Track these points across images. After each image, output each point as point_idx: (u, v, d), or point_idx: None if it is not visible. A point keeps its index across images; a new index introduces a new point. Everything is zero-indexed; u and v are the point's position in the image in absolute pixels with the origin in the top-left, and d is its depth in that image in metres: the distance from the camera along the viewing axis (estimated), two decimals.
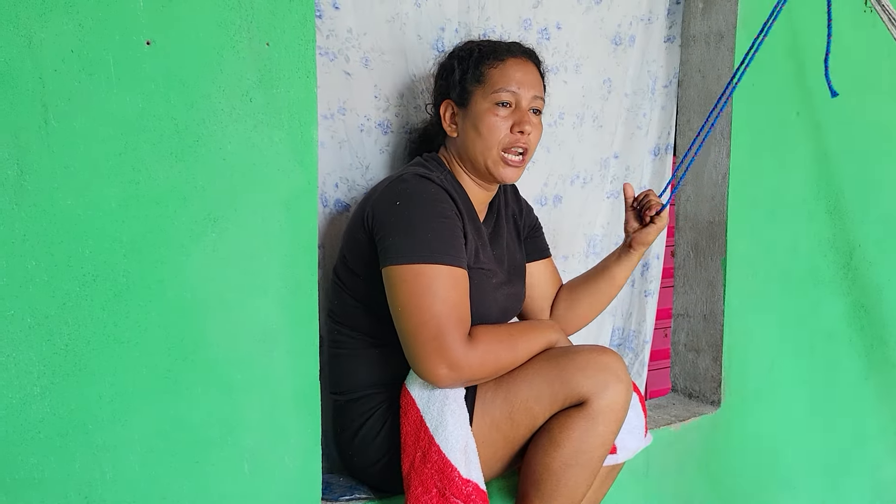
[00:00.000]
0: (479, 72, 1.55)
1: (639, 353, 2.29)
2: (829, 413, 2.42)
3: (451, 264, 1.39)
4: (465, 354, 1.37)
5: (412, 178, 1.46)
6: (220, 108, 1.27)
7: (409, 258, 1.38)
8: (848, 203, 2.37)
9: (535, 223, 1.81)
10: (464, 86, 1.56)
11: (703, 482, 2.15)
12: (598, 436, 1.41)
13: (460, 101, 1.57)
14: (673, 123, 2.23)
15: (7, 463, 1.16)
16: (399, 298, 1.39)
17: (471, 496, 1.40)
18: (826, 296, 2.36)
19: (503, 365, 1.44)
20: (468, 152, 1.57)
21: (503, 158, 1.54)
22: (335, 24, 1.65)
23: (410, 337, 1.38)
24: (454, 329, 1.37)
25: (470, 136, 1.55)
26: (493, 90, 1.53)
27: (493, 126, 1.53)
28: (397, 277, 1.39)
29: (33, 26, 1.12)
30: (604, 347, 1.47)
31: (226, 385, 1.32)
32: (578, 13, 1.97)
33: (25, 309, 1.15)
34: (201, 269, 1.28)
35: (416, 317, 1.37)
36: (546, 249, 1.82)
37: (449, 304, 1.37)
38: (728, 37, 2.06)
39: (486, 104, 1.54)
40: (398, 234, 1.40)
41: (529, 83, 1.56)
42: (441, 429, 1.40)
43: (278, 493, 1.39)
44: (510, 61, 1.56)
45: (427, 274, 1.37)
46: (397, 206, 1.42)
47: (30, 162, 1.13)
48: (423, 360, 1.37)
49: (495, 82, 1.54)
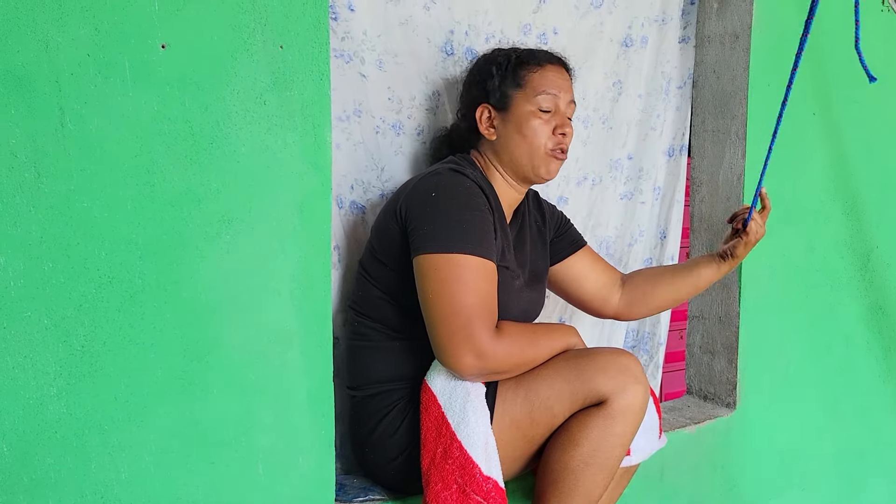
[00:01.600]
0: (520, 76, 1.59)
1: (653, 355, 2.28)
2: (845, 416, 2.40)
3: (482, 256, 1.41)
4: (491, 345, 1.38)
5: (446, 171, 1.50)
6: (234, 111, 1.27)
7: (442, 247, 1.40)
8: (865, 204, 2.35)
9: (560, 219, 1.83)
10: (503, 90, 1.59)
11: (718, 485, 2.14)
12: (616, 436, 1.42)
13: (499, 105, 1.59)
14: (687, 124, 2.22)
15: (24, 463, 1.17)
16: (430, 286, 1.40)
17: (490, 493, 1.40)
18: (843, 298, 2.34)
19: (526, 360, 1.46)
20: (511, 154, 1.59)
21: (552, 154, 1.58)
22: (350, 25, 1.66)
23: (439, 324, 1.39)
24: (483, 319, 1.38)
25: (514, 139, 1.58)
26: (535, 94, 1.57)
27: (538, 129, 1.57)
28: (429, 266, 1.40)
29: (50, 31, 1.13)
30: (622, 350, 1.48)
31: (240, 386, 1.32)
32: (575, 18, 1.97)
33: (42, 310, 1.16)
34: (216, 270, 1.28)
35: (447, 305, 1.38)
36: (580, 239, 1.84)
37: (480, 295, 1.39)
38: (743, 37, 2.05)
39: (530, 107, 1.57)
40: (432, 224, 1.42)
41: (567, 88, 1.61)
42: (463, 425, 1.41)
43: (292, 493, 1.39)
44: (549, 67, 1.60)
45: (459, 263, 1.39)
46: (432, 196, 1.45)
47: (46, 165, 1.14)
48: (451, 348, 1.38)
49: (537, 86, 1.58)
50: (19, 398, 1.16)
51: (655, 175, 2.20)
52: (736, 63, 2.07)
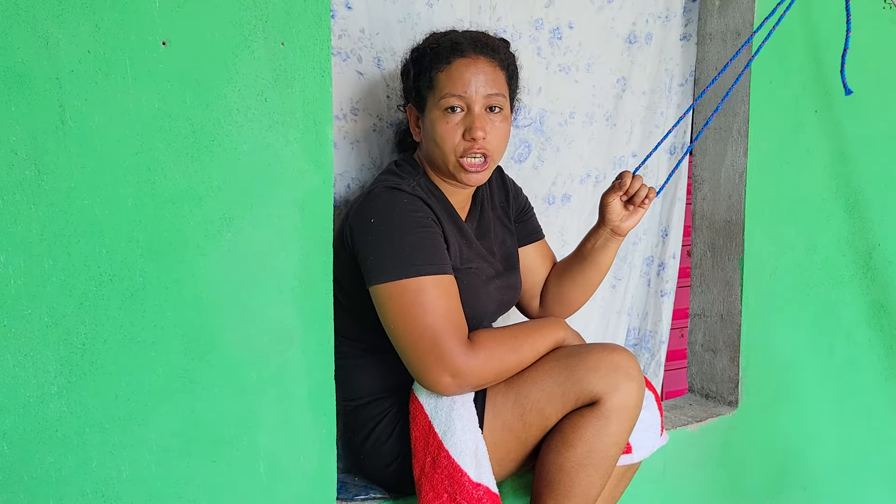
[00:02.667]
0: (430, 77, 1.50)
1: (655, 354, 2.28)
2: (847, 414, 2.40)
3: (434, 273, 1.38)
4: (465, 361, 1.37)
5: (383, 191, 1.44)
6: (235, 108, 1.27)
7: (391, 275, 1.37)
8: (867, 202, 2.34)
9: (524, 205, 1.76)
10: (419, 92, 1.52)
11: (720, 483, 2.13)
12: (610, 435, 1.40)
13: (418, 106, 1.54)
14: (689, 122, 2.21)
15: (25, 461, 1.17)
16: (389, 316, 1.38)
17: (482, 500, 1.40)
18: (845, 295, 2.34)
19: (507, 367, 1.43)
20: (430, 158, 1.54)
21: (462, 165, 1.49)
22: (348, 24, 1.65)
23: (408, 352, 1.38)
24: (450, 337, 1.36)
25: (429, 143, 1.52)
26: (440, 96, 1.48)
27: (445, 134, 1.48)
28: (384, 296, 1.38)
29: (50, 27, 1.12)
30: (615, 345, 1.45)
31: (241, 384, 1.32)
32: (591, 12, 1.96)
33: (43, 308, 1.16)
34: (217, 268, 1.28)
35: (410, 332, 1.37)
36: (538, 231, 1.77)
37: (440, 314, 1.37)
38: (745, 35, 2.05)
39: (437, 111, 1.49)
40: (377, 252, 1.39)
41: (481, 82, 1.47)
42: (450, 434, 1.40)
43: (293, 492, 1.39)
44: (456, 63, 1.48)
45: (412, 288, 1.37)
46: (372, 223, 1.41)
47: (47, 162, 1.14)
48: (425, 373, 1.37)
49: (442, 87, 1.48)
50: (20, 396, 1.16)
51: (657, 172, 2.19)
52: (737, 60, 2.07)
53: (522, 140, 1.94)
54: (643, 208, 1.60)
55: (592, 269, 1.69)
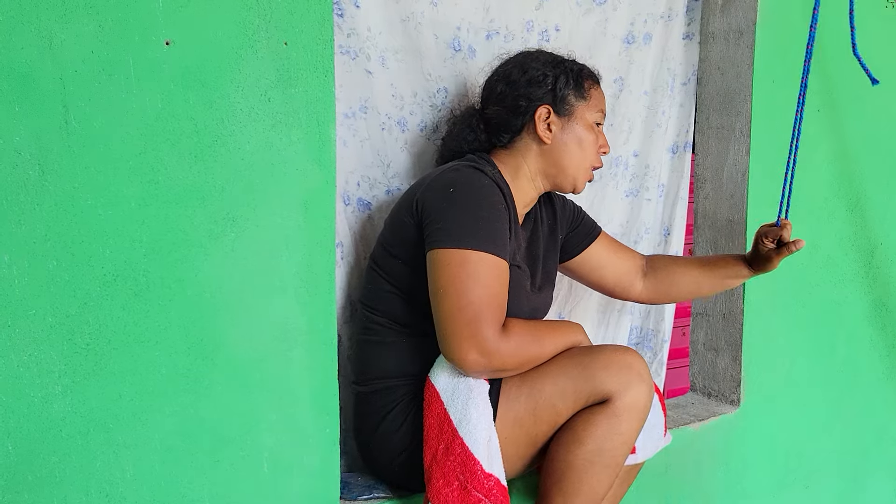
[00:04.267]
0: (584, 88, 1.61)
1: (657, 352, 2.28)
2: (849, 413, 2.40)
3: (496, 254, 1.41)
4: (497, 343, 1.38)
5: (465, 168, 1.50)
6: (238, 108, 1.27)
7: (456, 242, 1.40)
8: (869, 201, 2.34)
9: (573, 211, 1.82)
10: (569, 98, 1.60)
11: (722, 482, 2.13)
12: (621, 434, 1.42)
13: (561, 110, 1.59)
14: (691, 121, 2.21)
15: (29, 461, 1.17)
16: (441, 280, 1.40)
17: (492, 490, 1.40)
18: (847, 295, 2.34)
19: (530, 358, 1.45)
20: (558, 161, 1.60)
21: (590, 174, 1.64)
22: (356, 22, 1.65)
23: (446, 319, 1.39)
24: (490, 317, 1.38)
25: (570, 147, 1.60)
26: (596, 110, 1.62)
27: (592, 144, 1.61)
28: (442, 260, 1.40)
29: (54, 28, 1.12)
30: (627, 347, 1.47)
31: (245, 384, 1.32)
32: (577, 15, 1.96)
33: (47, 308, 1.16)
34: (220, 268, 1.28)
35: (456, 300, 1.38)
36: (595, 228, 1.84)
37: (489, 293, 1.39)
38: (748, 34, 2.04)
39: (588, 123, 1.61)
40: (448, 219, 1.42)
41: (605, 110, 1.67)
42: (465, 422, 1.41)
43: (297, 492, 1.39)
44: (598, 88, 1.65)
45: (472, 260, 1.39)
46: (450, 192, 1.45)
47: (51, 162, 1.14)
48: (456, 344, 1.38)
49: (597, 102, 1.63)
50: (24, 396, 1.16)
51: (660, 172, 2.19)
52: (740, 60, 2.07)
53: None
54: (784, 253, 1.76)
55: (715, 288, 1.87)
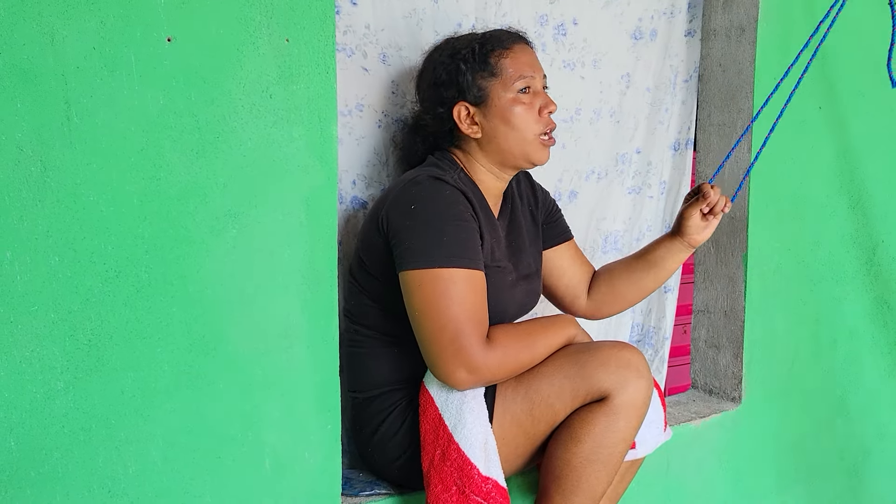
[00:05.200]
0: (490, 64, 1.52)
1: (659, 350, 2.28)
2: (850, 410, 2.40)
3: (467, 267, 1.39)
4: (483, 357, 1.37)
5: (426, 180, 1.45)
6: (240, 105, 1.27)
7: (425, 262, 1.38)
8: (871, 198, 2.34)
9: (552, 207, 1.79)
10: (478, 83, 1.52)
11: (723, 479, 2.13)
12: (618, 431, 1.41)
13: (477, 100, 1.53)
14: (693, 118, 2.21)
15: (31, 457, 1.17)
16: (416, 303, 1.39)
17: (490, 493, 1.40)
18: (848, 292, 2.34)
19: (522, 364, 1.44)
20: (499, 146, 1.54)
21: (542, 142, 1.55)
22: (353, 20, 1.65)
23: (428, 341, 1.38)
24: (472, 333, 1.37)
25: (500, 131, 1.53)
26: (512, 79, 1.52)
27: (524, 114, 1.52)
28: (414, 282, 1.38)
29: (56, 24, 1.12)
30: (624, 343, 1.46)
31: (247, 381, 1.32)
32: (597, 8, 1.96)
33: (49, 304, 1.16)
34: (222, 265, 1.28)
35: (434, 321, 1.37)
36: (567, 231, 1.79)
37: (466, 308, 1.37)
38: (749, 30, 2.04)
39: (509, 95, 1.52)
40: (414, 239, 1.39)
41: (538, 65, 1.57)
42: (460, 427, 1.41)
43: (299, 488, 1.39)
44: (516, 48, 1.55)
45: (443, 278, 1.37)
46: (412, 209, 1.41)
47: (53, 158, 1.14)
48: (442, 365, 1.38)
49: (511, 71, 1.52)
50: (26, 393, 1.16)
51: (662, 169, 2.19)
52: (742, 56, 2.07)
53: None
54: (717, 219, 1.66)
55: (656, 275, 1.75)
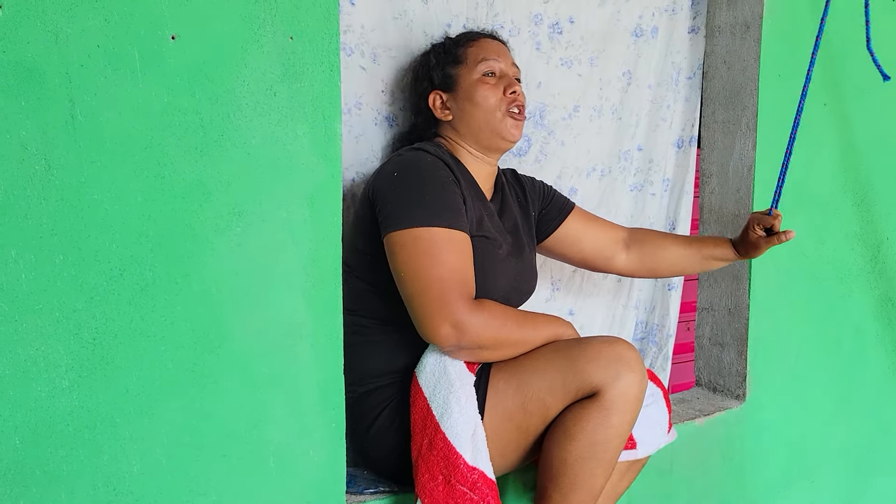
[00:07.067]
0: (457, 53, 1.62)
1: (662, 347, 2.27)
2: (854, 407, 2.40)
3: (449, 226, 1.41)
4: (468, 315, 1.39)
5: (408, 151, 1.53)
6: (244, 103, 1.27)
7: (406, 223, 1.41)
8: (876, 195, 2.33)
9: (542, 189, 1.82)
10: (446, 71, 1.62)
11: (727, 477, 2.13)
12: (612, 427, 1.40)
13: (446, 86, 1.62)
14: (697, 115, 2.20)
15: (36, 456, 1.17)
16: (400, 264, 1.41)
17: (476, 483, 1.39)
18: (853, 289, 2.33)
19: (507, 336, 1.44)
20: (469, 126, 1.61)
21: (509, 114, 1.59)
22: (352, 19, 1.67)
23: (414, 300, 1.40)
24: (456, 290, 1.39)
25: (467, 110, 1.60)
26: (475, 63, 1.60)
27: (488, 93, 1.59)
28: (397, 243, 1.41)
29: (60, 22, 1.12)
30: (616, 338, 1.45)
31: (251, 379, 1.32)
32: (593, 6, 1.96)
33: (53, 303, 1.16)
34: (226, 262, 1.28)
35: (418, 280, 1.39)
36: (567, 203, 1.83)
37: (449, 266, 1.39)
38: (754, 27, 2.04)
39: (474, 78, 1.59)
40: (396, 202, 1.43)
41: (505, 54, 1.64)
42: (447, 416, 1.41)
43: (303, 486, 1.39)
44: (483, 39, 1.64)
45: (424, 237, 1.39)
46: (395, 176, 1.46)
47: (57, 157, 1.14)
48: (427, 320, 1.39)
49: (476, 56, 1.61)
50: (31, 391, 1.16)
51: (665, 166, 2.19)
52: (746, 53, 2.06)
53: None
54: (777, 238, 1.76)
55: (700, 268, 1.88)
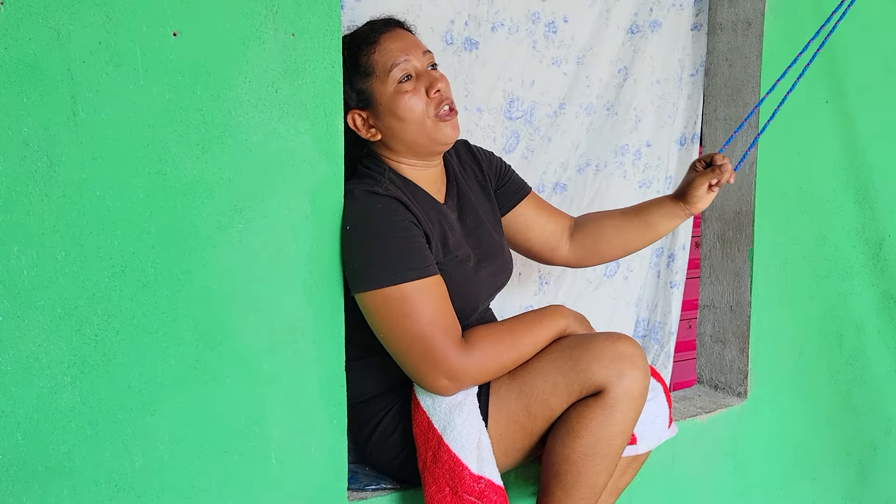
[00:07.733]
0: (361, 65, 1.46)
1: (664, 345, 2.28)
2: (856, 405, 2.39)
3: (417, 278, 1.36)
4: (462, 362, 1.36)
5: (358, 192, 1.41)
6: (245, 99, 1.27)
7: (372, 284, 1.36)
8: (878, 193, 2.33)
9: (500, 168, 1.72)
10: (357, 87, 1.46)
11: (728, 474, 2.13)
12: (616, 424, 1.39)
13: (363, 103, 1.48)
14: (699, 113, 2.20)
15: (38, 452, 1.18)
16: (377, 325, 1.39)
17: (484, 492, 1.40)
18: (855, 287, 2.33)
19: (506, 363, 1.43)
20: (403, 140, 1.48)
21: (440, 118, 1.46)
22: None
23: (402, 359, 1.39)
24: (442, 341, 1.36)
25: (395, 126, 1.46)
26: (386, 73, 1.45)
27: (411, 102, 1.45)
28: (369, 305, 1.38)
29: (62, 18, 1.12)
30: (619, 334, 1.43)
31: (253, 375, 1.32)
32: (585, 6, 1.96)
33: (55, 299, 1.16)
34: (228, 259, 1.28)
35: (400, 340, 1.37)
36: (523, 187, 1.73)
37: (428, 319, 1.35)
38: (756, 24, 2.03)
39: (390, 88, 1.45)
40: (355, 261, 1.37)
41: (412, 44, 1.48)
42: (449, 429, 1.40)
43: (305, 483, 1.40)
44: (381, 38, 1.47)
45: (395, 296, 1.35)
46: (348, 231, 1.38)
47: (59, 153, 1.14)
48: (421, 378, 1.38)
49: (384, 64, 1.45)
50: (33, 387, 1.16)
51: (668, 164, 2.19)
52: (748, 51, 2.06)
53: (513, 132, 1.95)
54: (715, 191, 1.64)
55: (648, 235, 1.73)
